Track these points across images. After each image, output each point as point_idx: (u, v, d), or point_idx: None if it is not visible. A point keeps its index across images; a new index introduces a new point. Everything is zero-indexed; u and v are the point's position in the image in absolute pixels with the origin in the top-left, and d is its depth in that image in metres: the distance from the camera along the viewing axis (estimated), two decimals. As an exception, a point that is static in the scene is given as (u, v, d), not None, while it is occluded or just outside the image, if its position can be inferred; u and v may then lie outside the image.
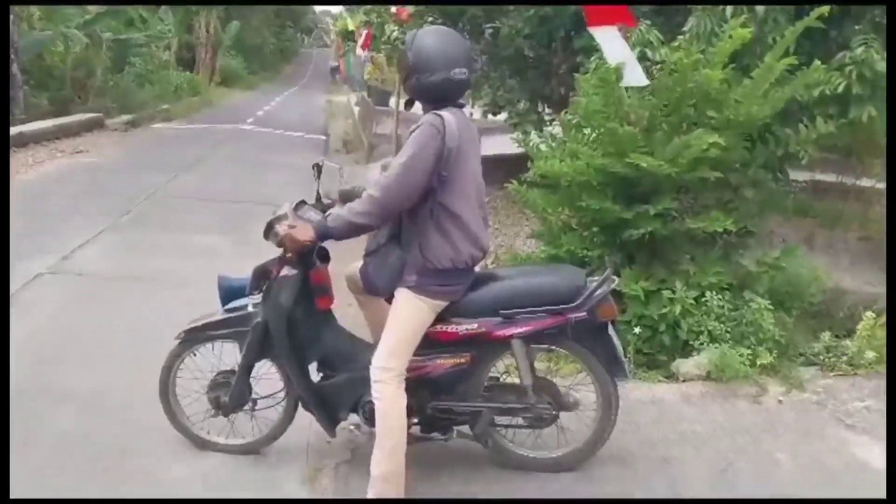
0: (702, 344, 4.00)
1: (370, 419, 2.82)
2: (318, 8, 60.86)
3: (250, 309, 2.94)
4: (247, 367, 2.97)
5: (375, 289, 2.83)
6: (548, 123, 7.38)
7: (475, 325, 2.79)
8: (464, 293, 2.79)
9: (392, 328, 2.73)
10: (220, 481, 2.97)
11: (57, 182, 8.52)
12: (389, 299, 2.79)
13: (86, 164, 9.71)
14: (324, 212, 2.95)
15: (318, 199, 3.09)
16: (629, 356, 4.06)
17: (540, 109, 7.66)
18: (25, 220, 6.41)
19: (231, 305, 3.01)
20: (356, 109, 17.59)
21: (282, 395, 3.07)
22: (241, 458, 3.12)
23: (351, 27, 11.46)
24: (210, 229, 6.87)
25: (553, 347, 3.06)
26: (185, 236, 6.55)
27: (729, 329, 4.02)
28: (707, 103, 4.04)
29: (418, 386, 2.78)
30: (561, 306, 2.79)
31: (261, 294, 2.92)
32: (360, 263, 2.92)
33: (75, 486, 2.87)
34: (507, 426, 3.03)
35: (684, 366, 3.98)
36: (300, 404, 3.01)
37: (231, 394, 2.99)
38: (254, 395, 3.06)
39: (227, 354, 3.07)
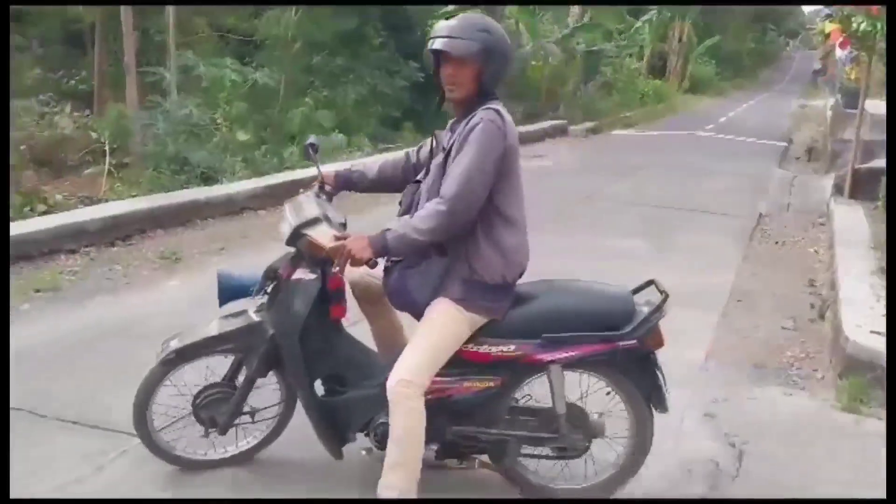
0: None
1: (382, 442, 2.50)
2: (807, 9, 56.12)
3: (252, 316, 2.67)
4: (252, 382, 2.69)
5: (414, 304, 2.50)
6: None
7: (512, 347, 2.48)
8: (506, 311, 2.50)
9: (423, 340, 2.40)
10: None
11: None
12: (418, 315, 2.50)
13: (537, 167, 10.54)
14: (329, 201, 2.74)
15: (322, 186, 2.78)
16: None
17: None
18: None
19: (227, 312, 2.73)
20: (829, 114, 15.86)
21: (279, 407, 2.83)
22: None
23: (827, 29, 10.47)
24: (633, 233, 6.96)
25: (590, 374, 2.66)
26: (605, 239, 6.71)
27: None
28: None
29: (438, 409, 2.44)
30: (611, 332, 2.48)
31: (265, 296, 2.63)
32: (366, 268, 2.52)
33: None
34: (533, 456, 2.68)
35: None
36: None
37: (231, 410, 2.71)
38: (249, 408, 2.79)
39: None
